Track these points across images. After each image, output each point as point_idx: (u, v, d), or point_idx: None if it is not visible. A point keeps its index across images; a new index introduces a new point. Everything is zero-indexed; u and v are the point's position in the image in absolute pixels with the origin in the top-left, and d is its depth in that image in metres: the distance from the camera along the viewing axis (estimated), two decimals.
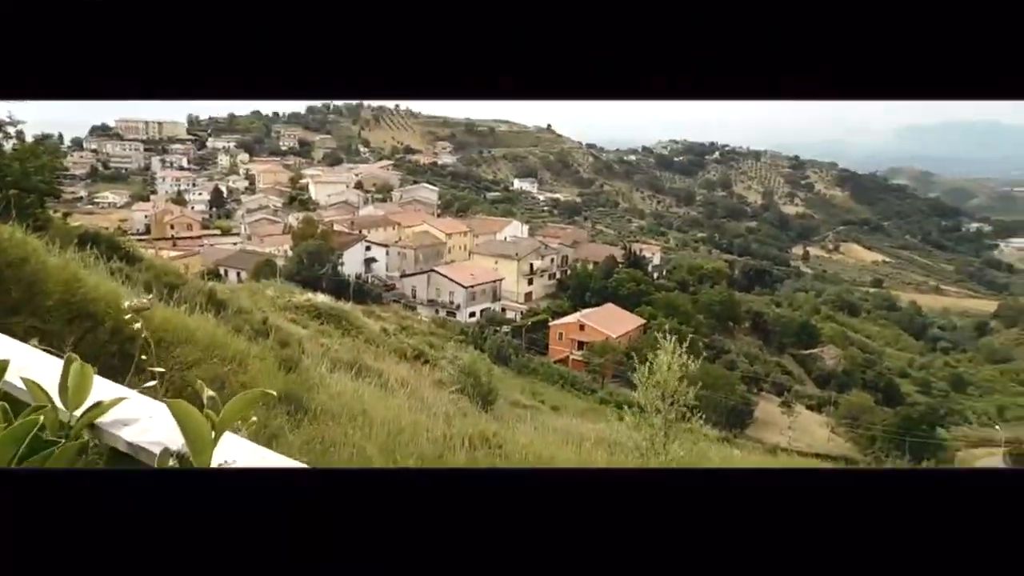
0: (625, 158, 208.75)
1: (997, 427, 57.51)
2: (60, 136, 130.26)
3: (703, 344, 54.96)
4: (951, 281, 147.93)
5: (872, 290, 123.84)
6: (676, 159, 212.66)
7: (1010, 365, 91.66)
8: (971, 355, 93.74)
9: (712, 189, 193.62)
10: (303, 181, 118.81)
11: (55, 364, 2.21)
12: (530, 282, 69.47)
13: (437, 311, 59.81)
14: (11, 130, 14.26)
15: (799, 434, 47.22)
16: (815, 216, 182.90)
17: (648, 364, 12.04)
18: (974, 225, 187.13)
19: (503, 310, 63.71)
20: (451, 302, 61.34)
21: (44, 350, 2.71)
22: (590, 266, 72.63)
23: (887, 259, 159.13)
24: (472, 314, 60.22)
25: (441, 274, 62.69)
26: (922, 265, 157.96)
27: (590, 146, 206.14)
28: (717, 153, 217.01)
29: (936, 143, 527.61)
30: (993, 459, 48.93)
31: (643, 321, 56.06)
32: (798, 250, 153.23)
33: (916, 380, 71.81)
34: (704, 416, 16.46)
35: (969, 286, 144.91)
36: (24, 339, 3.02)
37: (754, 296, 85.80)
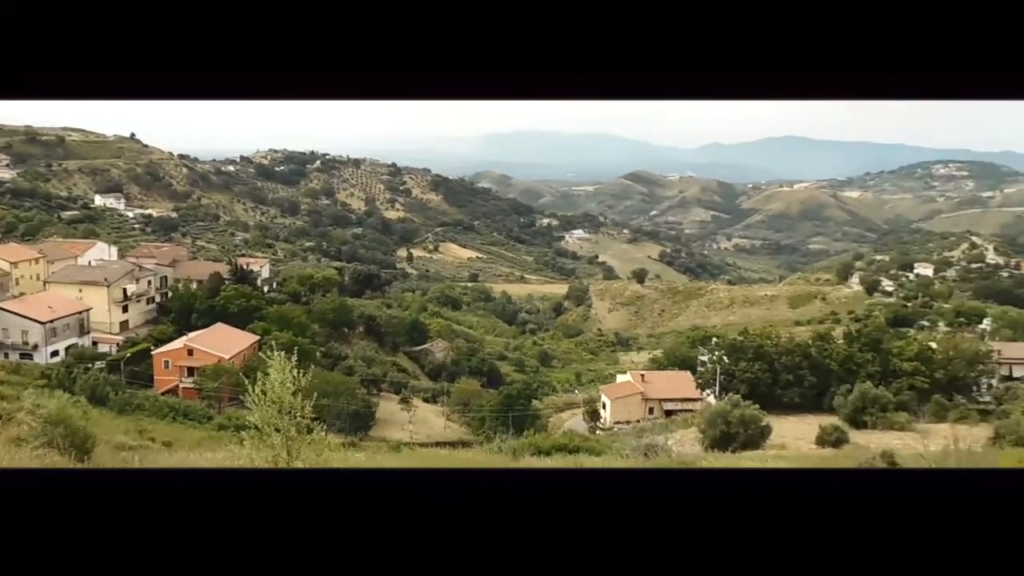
0: (223, 168, 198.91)
1: (576, 391, 67.82)
2: None
3: (320, 353, 55.43)
4: (532, 270, 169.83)
5: (470, 284, 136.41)
6: (277, 169, 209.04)
7: (580, 337, 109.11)
8: (552, 332, 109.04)
9: (316, 198, 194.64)
10: None
11: None
12: (125, 309, 62.80)
13: (7, 355, 51.03)
14: None
15: (419, 427, 50.24)
16: (415, 220, 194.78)
17: (260, 384, 12.07)
18: (545, 220, 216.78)
19: (94, 344, 56.60)
20: (25, 342, 52.68)
21: None
22: (193, 285, 68.12)
23: (480, 255, 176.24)
24: (55, 353, 52.50)
25: (9, 311, 53.43)
26: (509, 258, 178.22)
27: (183, 156, 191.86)
28: (319, 162, 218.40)
29: (512, 150, 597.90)
30: (576, 419, 57.70)
31: (257, 338, 54.43)
32: (403, 252, 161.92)
33: (512, 361, 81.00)
34: (328, 424, 16.95)
35: (546, 273, 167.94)
36: None
37: (366, 300, 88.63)
